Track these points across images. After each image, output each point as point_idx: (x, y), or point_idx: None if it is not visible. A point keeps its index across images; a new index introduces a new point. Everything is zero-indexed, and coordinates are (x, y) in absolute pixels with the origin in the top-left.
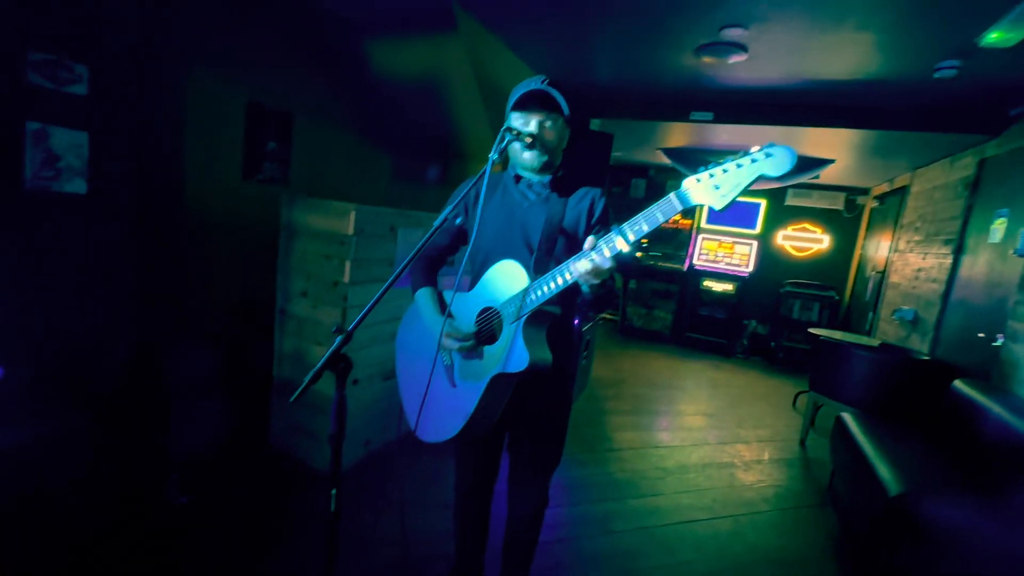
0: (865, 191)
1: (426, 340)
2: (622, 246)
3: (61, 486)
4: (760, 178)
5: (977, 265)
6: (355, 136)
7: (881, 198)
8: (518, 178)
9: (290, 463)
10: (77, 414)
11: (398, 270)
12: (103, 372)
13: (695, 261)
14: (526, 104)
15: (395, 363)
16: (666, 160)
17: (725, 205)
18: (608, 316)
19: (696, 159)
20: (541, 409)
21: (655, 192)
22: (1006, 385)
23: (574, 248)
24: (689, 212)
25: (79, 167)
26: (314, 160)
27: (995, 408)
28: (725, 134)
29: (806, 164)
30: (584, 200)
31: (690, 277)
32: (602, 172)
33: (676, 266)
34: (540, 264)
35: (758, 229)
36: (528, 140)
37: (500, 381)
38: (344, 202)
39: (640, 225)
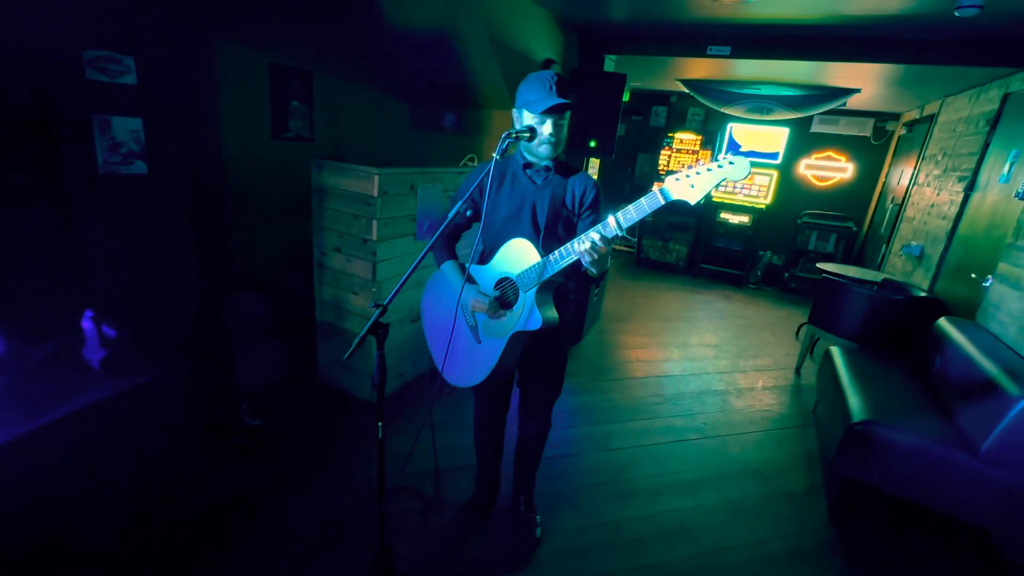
0: (896, 117)
1: (451, 303)
2: (615, 229)
3: (168, 417)
4: (724, 180)
5: (984, 205)
6: (372, 89)
7: (910, 126)
8: (527, 165)
9: (335, 393)
10: (170, 361)
11: (422, 254)
12: (179, 325)
13: (712, 193)
14: (545, 112)
15: (422, 321)
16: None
17: (698, 201)
18: (624, 249)
19: (717, 92)
20: (544, 356)
21: (676, 120)
22: (989, 324)
23: (570, 227)
24: (709, 140)
25: (138, 150)
26: (335, 115)
27: (966, 345)
28: (745, 67)
29: (829, 94)
30: (579, 187)
31: (707, 209)
32: (615, 113)
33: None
34: (546, 242)
35: (779, 159)
36: (528, 133)
37: (518, 337)
38: (368, 166)
39: (630, 213)
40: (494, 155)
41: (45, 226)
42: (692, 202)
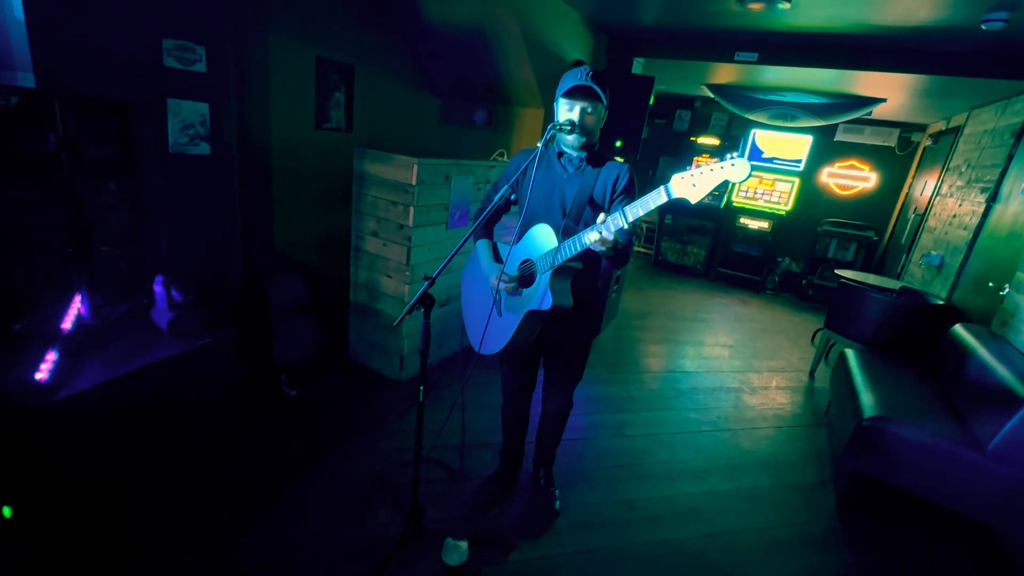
0: (922, 128)
1: (483, 279)
2: (622, 223)
3: (220, 380)
4: (725, 182)
5: (1005, 216)
6: (408, 84)
7: (935, 137)
8: (560, 154)
9: (365, 370)
10: (222, 328)
11: (464, 238)
12: (226, 297)
13: (733, 198)
14: (572, 94)
15: (461, 295)
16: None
17: (698, 200)
18: (642, 250)
19: (741, 97)
20: (569, 338)
21: (700, 124)
22: (1004, 331)
23: (597, 215)
24: (732, 146)
25: (204, 133)
26: (373, 107)
27: (979, 350)
28: (771, 72)
29: (855, 102)
30: (611, 174)
31: (726, 214)
32: (642, 114)
33: (713, 202)
34: (568, 228)
35: (802, 167)
36: (568, 127)
37: (532, 315)
38: (408, 156)
39: (636, 209)
40: (538, 144)
41: (122, 197)
42: (693, 201)
